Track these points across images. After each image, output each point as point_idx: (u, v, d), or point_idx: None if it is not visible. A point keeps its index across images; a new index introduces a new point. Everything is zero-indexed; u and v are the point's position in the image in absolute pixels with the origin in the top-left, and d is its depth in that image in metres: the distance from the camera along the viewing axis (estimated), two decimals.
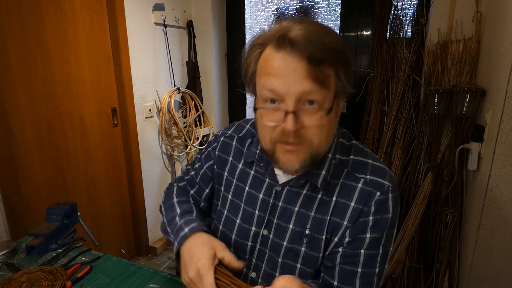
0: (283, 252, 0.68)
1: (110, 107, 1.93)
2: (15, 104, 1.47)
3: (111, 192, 2.01)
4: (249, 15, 2.48)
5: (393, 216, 0.63)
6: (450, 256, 1.58)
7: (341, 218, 0.64)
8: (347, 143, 0.69)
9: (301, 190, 0.67)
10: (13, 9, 1.43)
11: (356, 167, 0.65)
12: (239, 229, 0.73)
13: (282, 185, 0.69)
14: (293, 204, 0.68)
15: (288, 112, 0.54)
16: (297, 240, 0.67)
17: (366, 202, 0.62)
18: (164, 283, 0.86)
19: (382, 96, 1.94)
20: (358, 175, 0.64)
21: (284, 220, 0.68)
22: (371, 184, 0.63)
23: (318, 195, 0.66)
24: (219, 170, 0.78)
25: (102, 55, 1.85)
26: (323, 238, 0.65)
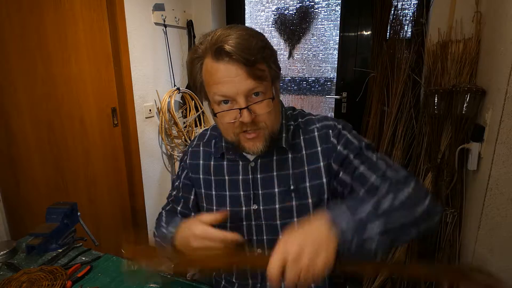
0: (278, 214, 0.78)
1: (110, 107, 1.93)
2: (15, 104, 1.47)
3: (111, 192, 2.01)
4: (249, 15, 2.48)
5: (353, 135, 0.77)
6: (450, 256, 1.58)
7: (317, 162, 0.77)
8: (294, 112, 0.84)
9: (271, 157, 0.79)
10: (13, 9, 1.43)
11: (307, 124, 0.81)
12: (231, 215, 0.80)
13: (254, 160, 0.80)
14: (270, 170, 0.79)
15: (241, 108, 0.67)
16: (286, 198, 0.77)
17: (326, 141, 0.77)
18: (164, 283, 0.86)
19: (382, 96, 1.94)
20: (311, 128, 0.80)
21: (268, 188, 0.79)
22: (323, 128, 0.79)
23: (288, 155, 0.78)
24: (194, 176, 0.87)
25: (102, 55, 1.85)
26: (308, 186, 0.77)
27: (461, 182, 1.57)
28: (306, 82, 2.40)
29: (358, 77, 2.15)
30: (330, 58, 2.28)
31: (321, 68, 2.33)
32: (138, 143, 2.08)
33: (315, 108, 2.42)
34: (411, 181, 0.66)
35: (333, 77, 2.29)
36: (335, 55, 2.25)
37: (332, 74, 2.30)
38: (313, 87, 2.39)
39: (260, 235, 0.81)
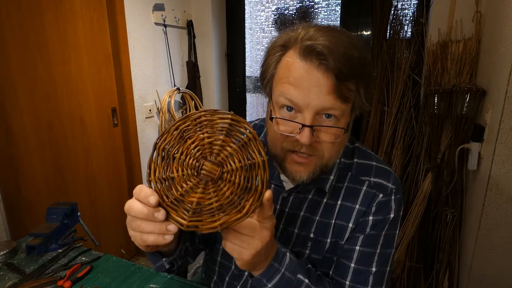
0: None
1: (110, 107, 1.93)
2: (15, 104, 1.47)
3: (111, 192, 2.01)
4: (249, 15, 2.47)
5: (394, 218, 0.63)
6: (450, 256, 1.58)
7: (346, 221, 0.64)
8: (350, 146, 0.69)
9: (308, 195, 0.67)
10: (13, 9, 1.43)
11: (360, 170, 0.65)
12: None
13: (288, 192, 0.68)
14: (299, 209, 0.67)
15: (305, 125, 0.53)
16: (302, 244, 0.67)
17: (369, 204, 0.63)
18: (164, 283, 0.86)
19: (382, 96, 1.94)
20: (363, 178, 0.64)
21: (289, 226, 0.68)
22: (375, 186, 0.63)
23: (323, 199, 0.66)
24: None
25: (102, 55, 1.85)
26: (328, 241, 0.65)
27: (461, 182, 1.57)
28: None
29: None
30: None
31: None
32: (138, 143, 2.08)
33: None
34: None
35: None
36: None
37: None
38: None
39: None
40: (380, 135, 1.96)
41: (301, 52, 0.52)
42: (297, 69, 0.52)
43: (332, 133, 0.55)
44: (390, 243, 0.64)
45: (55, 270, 0.90)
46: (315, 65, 0.51)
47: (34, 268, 0.92)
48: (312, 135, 0.54)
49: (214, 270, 0.79)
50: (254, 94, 2.60)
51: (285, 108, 0.56)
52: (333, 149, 0.58)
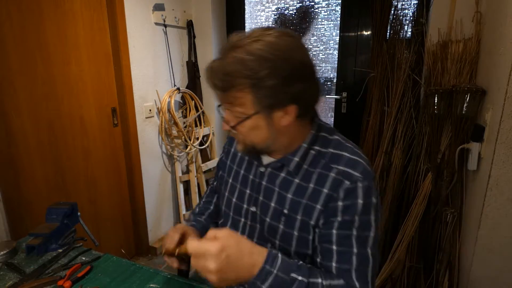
0: (266, 227, 0.79)
1: (110, 107, 1.93)
2: (15, 104, 1.47)
3: (111, 192, 2.01)
4: (249, 15, 2.48)
5: (365, 203, 0.69)
6: (450, 256, 1.58)
7: (315, 202, 0.72)
8: (329, 137, 0.77)
9: (280, 172, 0.78)
10: (13, 9, 1.43)
11: (332, 159, 0.73)
12: (235, 207, 0.86)
13: (265, 166, 0.80)
14: (274, 184, 0.78)
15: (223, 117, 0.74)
16: (276, 218, 0.77)
17: (335, 189, 0.70)
18: (164, 283, 0.86)
19: (382, 96, 1.94)
20: (333, 166, 0.72)
21: (267, 198, 0.79)
22: (342, 174, 0.71)
23: (295, 180, 0.76)
24: (225, 160, 0.94)
25: (102, 55, 1.85)
26: (299, 219, 0.74)
27: (461, 182, 1.57)
28: None
29: (358, 77, 2.15)
30: (330, 58, 2.28)
31: (321, 68, 2.33)
32: (138, 143, 2.08)
33: None
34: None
35: (333, 77, 2.29)
36: (335, 55, 2.25)
37: (332, 74, 2.30)
38: None
39: (251, 237, 0.83)
40: (380, 135, 1.96)
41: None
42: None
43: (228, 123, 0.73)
44: (366, 227, 0.69)
45: (55, 270, 0.91)
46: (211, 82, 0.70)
47: (34, 268, 0.92)
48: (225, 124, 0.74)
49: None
50: None
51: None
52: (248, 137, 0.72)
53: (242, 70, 0.64)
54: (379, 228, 0.73)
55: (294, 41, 0.67)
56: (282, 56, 0.64)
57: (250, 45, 0.65)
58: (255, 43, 0.65)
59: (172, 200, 2.48)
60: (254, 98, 0.66)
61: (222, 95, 0.69)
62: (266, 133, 0.72)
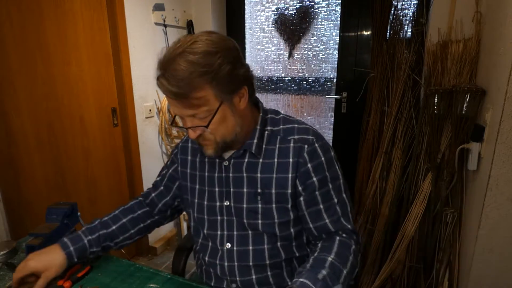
0: (245, 213, 0.83)
1: (110, 107, 1.93)
2: (15, 104, 1.47)
3: (111, 192, 2.01)
4: (249, 15, 2.47)
5: (326, 158, 0.80)
6: (450, 256, 1.58)
7: (285, 172, 0.80)
8: (276, 117, 0.86)
9: (243, 159, 0.83)
10: (13, 9, 1.43)
11: (286, 132, 0.83)
12: (208, 208, 0.88)
13: (228, 160, 0.85)
14: (241, 171, 0.83)
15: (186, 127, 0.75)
16: (253, 200, 0.82)
17: (299, 155, 0.79)
18: (164, 283, 0.86)
19: (382, 96, 1.94)
20: (289, 138, 0.81)
21: (238, 187, 0.84)
22: (299, 141, 0.80)
23: (259, 160, 0.82)
24: (183, 169, 0.94)
25: (102, 55, 1.85)
26: (273, 193, 0.81)
27: (461, 182, 1.57)
28: (306, 82, 2.40)
29: (358, 77, 2.15)
30: (330, 58, 2.28)
31: (321, 68, 2.33)
32: (138, 143, 2.08)
33: (315, 108, 2.42)
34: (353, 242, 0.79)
35: (333, 77, 2.29)
36: (335, 55, 2.25)
37: (332, 74, 2.30)
38: (313, 87, 2.39)
39: (230, 230, 0.86)
40: (380, 135, 1.96)
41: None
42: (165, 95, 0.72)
43: (201, 129, 0.74)
44: (335, 176, 0.82)
45: None
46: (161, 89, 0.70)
47: None
48: (194, 132, 0.75)
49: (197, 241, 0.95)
50: None
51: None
52: (221, 130, 0.75)
53: (197, 69, 0.67)
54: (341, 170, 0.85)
55: (218, 34, 0.73)
56: (223, 46, 0.71)
57: (190, 48, 0.68)
58: (193, 45, 0.69)
59: None
60: (216, 91, 0.70)
61: (183, 103, 0.70)
62: (233, 121, 0.77)
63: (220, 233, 0.87)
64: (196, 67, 0.67)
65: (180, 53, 0.68)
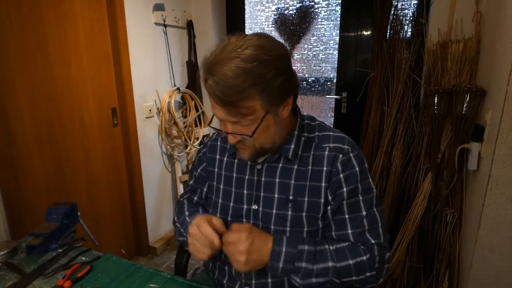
0: (273, 219, 0.81)
1: (110, 107, 1.93)
2: (15, 104, 1.47)
3: (111, 192, 2.01)
4: (249, 15, 2.48)
5: (360, 170, 0.78)
6: (450, 256, 1.58)
7: (318, 181, 0.78)
8: (312, 123, 0.85)
9: (278, 164, 0.82)
10: (13, 9, 1.43)
11: (321, 140, 0.81)
12: (233, 210, 0.86)
13: (261, 163, 0.83)
14: (274, 176, 0.82)
15: (227, 132, 0.74)
16: (283, 206, 0.80)
17: (333, 164, 0.78)
18: (164, 283, 0.86)
19: (382, 96, 1.94)
20: (324, 145, 0.80)
21: (269, 192, 0.82)
22: (334, 150, 0.79)
23: (294, 166, 0.80)
24: (210, 168, 0.92)
25: (102, 55, 1.85)
26: (306, 200, 0.79)
27: (461, 182, 1.57)
28: (306, 82, 2.40)
29: (358, 77, 2.15)
30: (330, 58, 2.28)
31: (321, 68, 2.33)
32: (138, 143, 2.08)
33: (315, 108, 2.42)
34: (368, 255, 0.75)
35: (333, 77, 2.29)
36: (335, 55, 2.25)
37: (332, 74, 2.30)
38: (313, 87, 2.39)
39: None
40: (380, 135, 1.96)
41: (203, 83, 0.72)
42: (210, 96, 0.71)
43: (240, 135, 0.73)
44: (368, 190, 0.79)
45: (55, 270, 0.90)
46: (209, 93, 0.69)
47: (34, 268, 0.92)
48: (233, 137, 0.74)
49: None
50: None
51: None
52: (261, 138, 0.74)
53: (250, 78, 0.65)
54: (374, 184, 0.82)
55: (272, 39, 0.71)
56: (277, 54, 0.69)
57: (243, 53, 0.66)
58: (247, 50, 0.66)
59: (172, 200, 2.48)
60: (264, 101, 0.69)
61: (229, 110, 0.68)
62: (274, 130, 0.76)
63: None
64: (249, 76, 0.65)
65: (233, 58, 0.65)
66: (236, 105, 0.67)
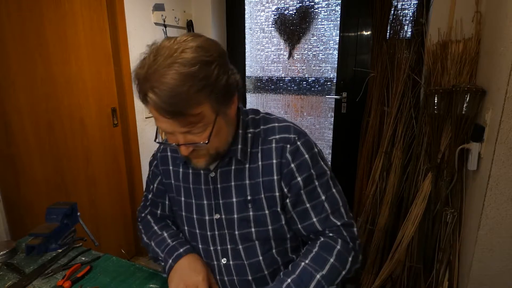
0: (236, 224, 0.79)
1: (110, 107, 1.93)
2: (15, 104, 1.47)
3: (111, 192, 2.01)
4: (249, 15, 2.48)
5: (310, 156, 0.76)
6: (450, 256, 1.58)
7: (270, 175, 0.76)
8: (256, 117, 0.81)
9: (230, 167, 0.78)
10: (13, 9, 1.43)
11: (267, 133, 0.78)
12: (198, 223, 0.83)
13: (214, 170, 0.79)
14: (228, 181, 0.79)
15: (179, 144, 0.67)
16: (244, 208, 0.78)
17: (282, 155, 0.75)
18: (164, 283, 0.86)
19: (382, 96, 1.94)
20: (270, 138, 0.77)
21: (227, 198, 0.79)
22: (281, 141, 0.76)
23: (246, 165, 0.77)
24: (167, 181, 0.88)
25: (102, 55, 1.85)
26: (263, 197, 0.77)
27: (461, 182, 1.57)
28: (306, 82, 2.40)
29: (358, 77, 2.15)
30: (330, 58, 2.28)
31: (321, 68, 2.33)
32: (138, 143, 2.08)
33: (315, 109, 2.42)
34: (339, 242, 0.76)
35: (333, 77, 2.29)
36: (335, 55, 2.25)
37: (332, 74, 2.30)
38: (313, 87, 2.39)
39: (224, 245, 0.82)
40: (380, 135, 1.96)
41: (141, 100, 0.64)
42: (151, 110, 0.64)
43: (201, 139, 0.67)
44: (322, 173, 0.77)
45: (55, 270, 0.91)
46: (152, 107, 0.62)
47: (33, 268, 0.92)
48: (187, 148, 0.68)
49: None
50: (254, 94, 2.61)
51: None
52: (215, 142, 0.69)
53: (196, 83, 0.60)
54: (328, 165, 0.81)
55: (206, 38, 0.67)
56: (215, 52, 0.65)
57: (182, 57, 0.60)
58: (185, 53, 0.60)
59: None
60: (213, 104, 0.64)
61: (178, 121, 0.62)
62: (227, 131, 0.73)
63: (213, 248, 0.82)
64: (193, 81, 0.59)
65: (170, 64, 0.59)
66: (184, 114, 0.61)
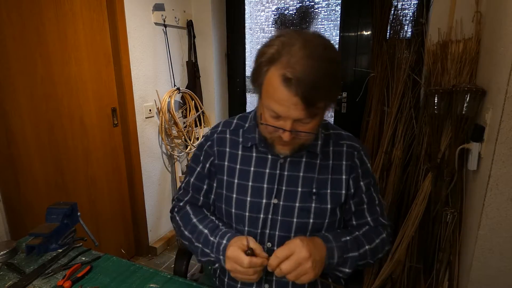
0: (296, 212, 0.82)
1: (110, 107, 1.93)
2: (15, 104, 1.47)
3: (111, 192, 2.01)
4: (249, 15, 2.47)
5: (370, 165, 0.91)
6: (450, 256, 1.58)
7: (340, 174, 0.85)
8: (324, 122, 0.91)
9: (301, 159, 0.84)
10: (13, 9, 1.43)
11: (336, 137, 0.89)
12: (251, 205, 0.84)
13: (284, 158, 0.83)
14: (297, 171, 0.84)
15: (285, 129, 0.71)
16: (307, 199, 0.83)
17: (352, 160, 0.86)
18: (164, 283, 0.86)
19: (382, 96, 1.94)
20: (341, 142, 0.88)
21: (292, 186, 0.83)
22: (351, 147, 0.87)
23: (317, 161, 0.84)
24: (219, 162, 0.89)
25: (102, 55, 1.85)
26: (328, 192, 0.84)
27: (461, 182, 1.57)
28: None
29: (358, 77, 2.15)
30: None
31: None
32: (138, 143, 2.08)
33: None
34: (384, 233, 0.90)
35: None
36: None
37: None
38: None
39: (273, 230, 0.83)
40: (380, 135, 1.96)
41: (281, 79, 0.66)
42: (278, 90, 0.67)
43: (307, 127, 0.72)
44: (375, 180, 0.92)
45: (55, 270, 0.91)
46: (293, 92, 0.65)
47: (34, 268, 0.92)
48: (290, 135, 0.72)
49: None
50: (254, 94, 2.61)
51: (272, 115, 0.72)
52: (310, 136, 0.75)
53: (332, 79, 0.67)
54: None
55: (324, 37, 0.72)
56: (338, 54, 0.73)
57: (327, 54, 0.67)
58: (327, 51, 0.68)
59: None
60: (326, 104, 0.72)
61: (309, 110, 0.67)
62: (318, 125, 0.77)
63: (260, 231, 0.83)
64: (332, 77, 0.66)
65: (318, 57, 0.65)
66: (314, 105, 0.67)
